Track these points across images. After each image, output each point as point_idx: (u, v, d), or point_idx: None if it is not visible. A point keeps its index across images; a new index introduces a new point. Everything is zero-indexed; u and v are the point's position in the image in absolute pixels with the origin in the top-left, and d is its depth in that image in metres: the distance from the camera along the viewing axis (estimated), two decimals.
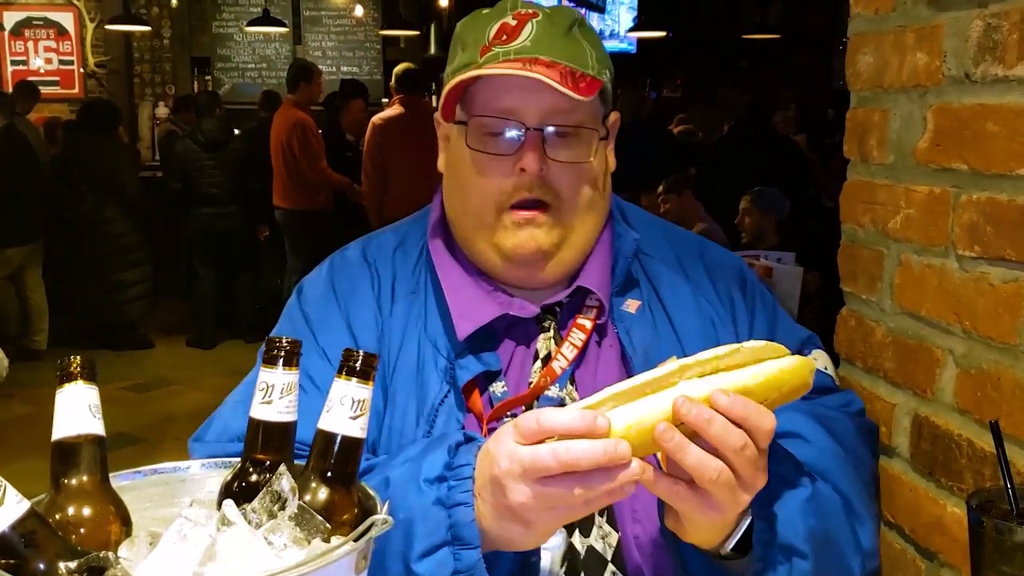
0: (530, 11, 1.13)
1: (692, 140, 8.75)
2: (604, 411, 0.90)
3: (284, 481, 0.87)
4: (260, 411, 0.92)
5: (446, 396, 1.16)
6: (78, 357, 0.87)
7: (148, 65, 10.42)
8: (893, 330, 1.34)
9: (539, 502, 0.90)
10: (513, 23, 1.12)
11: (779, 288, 3.46)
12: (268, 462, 0.92)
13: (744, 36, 10.62)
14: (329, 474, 0.90)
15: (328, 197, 6.63)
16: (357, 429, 0.90)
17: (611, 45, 12.62)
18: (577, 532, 1.14)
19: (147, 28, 9.53)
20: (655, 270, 1.25)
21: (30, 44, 9.48)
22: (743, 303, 1.28)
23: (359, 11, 10.98)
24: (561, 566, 1.13)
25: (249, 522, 0.85)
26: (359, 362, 0.90)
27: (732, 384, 0.91)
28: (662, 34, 10.02)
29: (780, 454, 1.07)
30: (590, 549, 1.15)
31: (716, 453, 0.90)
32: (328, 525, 0.85)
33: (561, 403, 1.15)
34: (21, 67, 9.43)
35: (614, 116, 1.21)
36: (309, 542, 0.84)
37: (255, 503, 0.86)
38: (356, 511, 0.90)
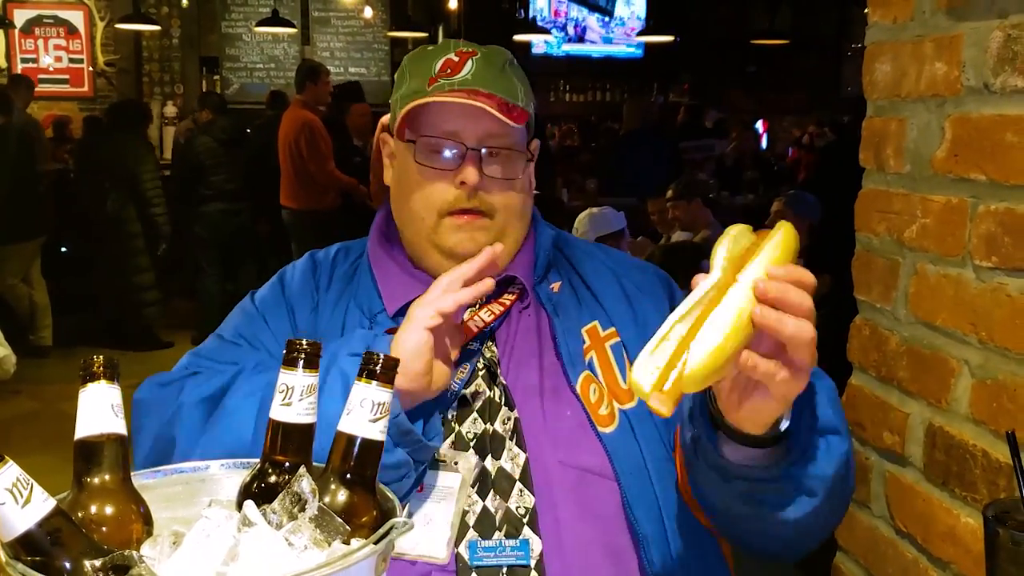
0: (470, 50, 1.33)
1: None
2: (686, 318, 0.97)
3: (304, 483, 0.87)
4: (280, 413, 0.93)
5: None
6: (101, 357, 0.87)
7: (157, 64, 10.45)
8: (908, 339, 1.34)
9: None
10: (456, 59, 1.31)
11: None
12: (288, 463, 0.92)
13: (752, 41, 10.61)
14: (349, 476, 0.90)
15: (335, 197, 6.64)
16: (377, 432, 0.90)
17: (618, 50, 12.63)
18: (489, 456, 1.26)
19: (156, 27, 9.55)
20: (577, 258, 1.44)
21: (40, 42, 9.52)
22: (664, 298, 1.39)
23: (368, 12, 11.00)
24: (473, 485, 1.24)
25: (269, 523, 0.85)
26: (379, 365, 0.91)
27: (766, 265, 0.97)
28: (670, 39, 10.02)
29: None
30: (500, 469, 1.26)
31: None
32: (348, 527, 0.86)
33: (479, 353, 1.30)
34: (31, 65, 9.46)
35: (535, 143, 1.40)
36: (329, 544, 0.84)
37: (275, 504, 0.87)
38: (376, 513, 0.90)
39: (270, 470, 0.93)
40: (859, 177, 1.48)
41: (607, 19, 12.52)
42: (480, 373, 1.30)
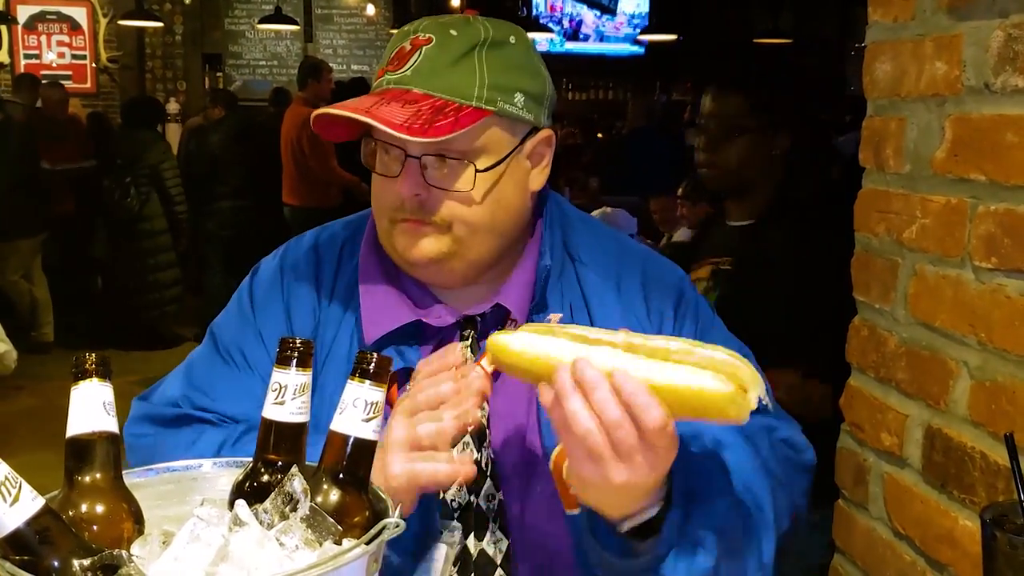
0: (426, 37, 1.14)
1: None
2: (517, 333, 1.01)
3: (296, 482, 0.87)
4: (273, 411, 0.92)
5: None
6: (93, 355, 0.87)
7: (160, 61, 10.46)
8: (907, 340, 1.34)
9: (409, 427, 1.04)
10: (408, 48, 1.15)
11: None
12: (280, 463, 0.92)
13: (755, 40, 10.59)
14: (341, 476, 0.90)
15: (337, 195, 6.64)
16: (370, 432, 0.90)
17: (621, 48, 12.62)
18: (472, 536, 1.21)
19: (159, 24, 9.55)
20: (588, 279, 1.27)
21: (43, 38, 9.53)
22: (672, 319, 1.30)
23: (370, 10, 11.00)
24: (455, 565, 1.19)
25: (261, 523, 0.85)
26: (372, 364, 0.90)
27: (642, 373, 0.95)
28: (672, 37, 10.00)
29: (715, 459, 1.14)
30: (482, 552, 1.21)
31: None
32: (340, 527, 0.85)
33: None
34: (34, 60, 9.47)
35: (544, 133, 1.23)
36: (321, 544, 0.84)
37: (267, 504, 0.86)
38: (368, 514, 0.89)
39: (262, 469, 0.93)
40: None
41: (603, 15, 12.50)
42: (469, 429, 1.18)
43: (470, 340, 1.23)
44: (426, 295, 1.25)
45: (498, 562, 1.22)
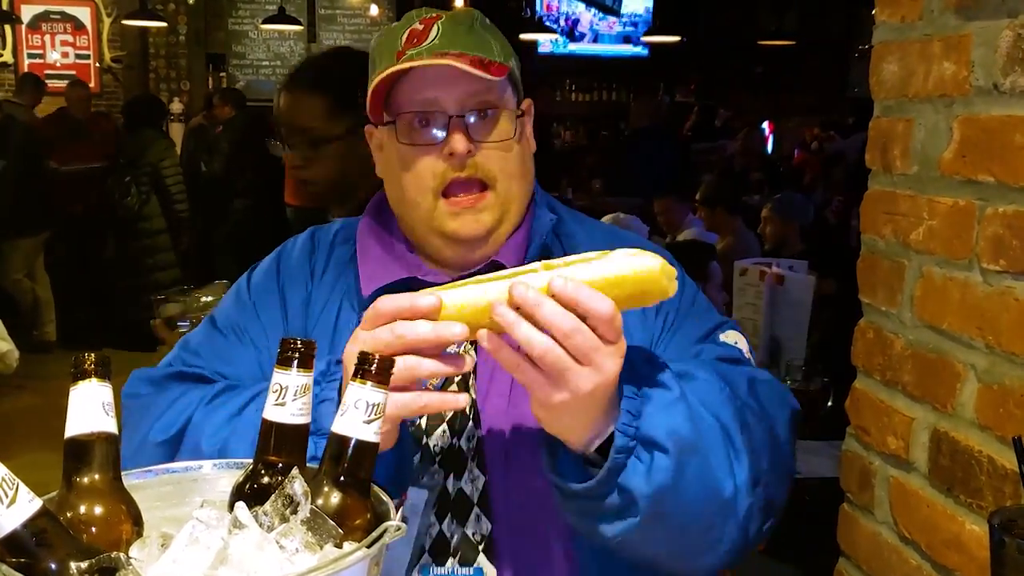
0: (433, 15, 1.25)
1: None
2: (438, 291, 0.99)
3: (297, 484, 0.86)
4: (273, 413, 0.92)
5: None
6: (92, 355, 0.86)
7: (163, 61, 10.45)
8: (913, 343, 1.32)
9: None
10: (420, 28, 1.23)
11: (791, 296, 3.44)
12: (281, 464, 0.91)
13: (760, 42, 10.58)
14: (342, 478, 0.89)
15: None
16: (371, 433, 0.89)
17: (624, 49, 12.60)
18: (452, 476, 1.22)
19: (163, 24, 9.55)
20: (575, 248, 1.31)
21: (47, 38, 9.52)
22: (675, 307, 1.32)
23: (374, 10, 10.99)
24: (433, 506, 1.20)
25: (261, 525, 0.84)
26: (375, 366, 0.89)
27: (572, 275, 0.96)
28: (676, 39, 10.00)
29: (658, 361, 1.13)
30: (459, 491, 1.21)
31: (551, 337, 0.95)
32: (340, 530, 0.84)
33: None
34: (38, 60, 9.47)
35: (527, 102, 1.30)
36: (321, 547, 0.83)
37: (267, 506, 0.85)
38: (369, 516, 0.88)
39: (263, 471, 0.92)
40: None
41: (606, 16, 12.47)
42: (456, 378, 1.23)
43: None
44: (422, 258, 1.29)
45: (475, 500, 1.21)
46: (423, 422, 1.22)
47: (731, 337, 1.34)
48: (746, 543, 1.16)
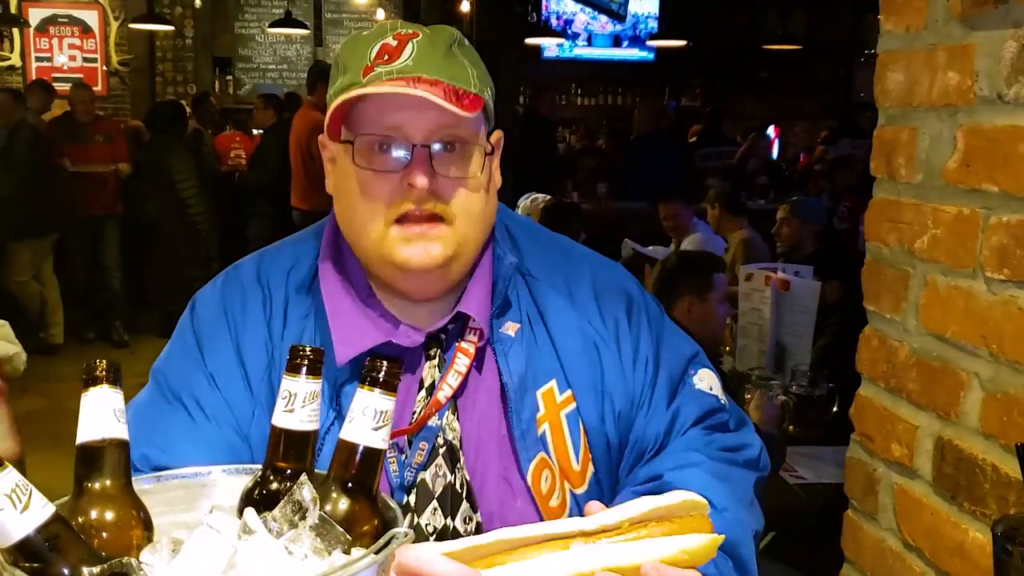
0: (410, 32, 1.14)
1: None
2: (485, 571, 0.88)
3: (305, 491, 0.87)
4: (282, 419, 0.92)
5: (332, 423, 1.15)
6: (104, 361, 0.87)
7: (170, 64, 10.49)
8: (917, 351, 1.33)
9: None
10: (394, 43, 1.13)
11: (797, 302, 3.44)
12: (289, 470, 0.92)
13: (765, 47, 10.57)
14: (350, 485, 0.89)
15: None
16: (379, 440, 0.90)
17: (630, 54, 12.60)
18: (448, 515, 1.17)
19: (170, 28, 9.59)
20: (541, 292, 1.25)
21: (55, 41, 9.57)
22: (627, 326, 1.27)
23: (380, 14, 11.02)
24: None
25: (270, 531, 0.85)
26: (383, 373, 0.90)
27: (628, 560, 0.90)
28: (682, 43, 10.00)
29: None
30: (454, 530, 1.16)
31: None
32: (348, 536, 0.85)
33: (439, 429, 1.16)
34: (45, 63, 9.51)
35: (497, 134, 1.22)
36: (329, 553, 0.83)
37: (276, 512, 0.86)
38: (377, 523, 0.89)
39: (272, 477, 0.92)
40: None
41: (596, 13, 12.45)
42: (441, 450, 1.16)
43: (436, 359, 1.20)
44: (390, 317, 1.21)
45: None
46: (412, 501, 1.16)
47: (704, 380, 1.29)
48: None
